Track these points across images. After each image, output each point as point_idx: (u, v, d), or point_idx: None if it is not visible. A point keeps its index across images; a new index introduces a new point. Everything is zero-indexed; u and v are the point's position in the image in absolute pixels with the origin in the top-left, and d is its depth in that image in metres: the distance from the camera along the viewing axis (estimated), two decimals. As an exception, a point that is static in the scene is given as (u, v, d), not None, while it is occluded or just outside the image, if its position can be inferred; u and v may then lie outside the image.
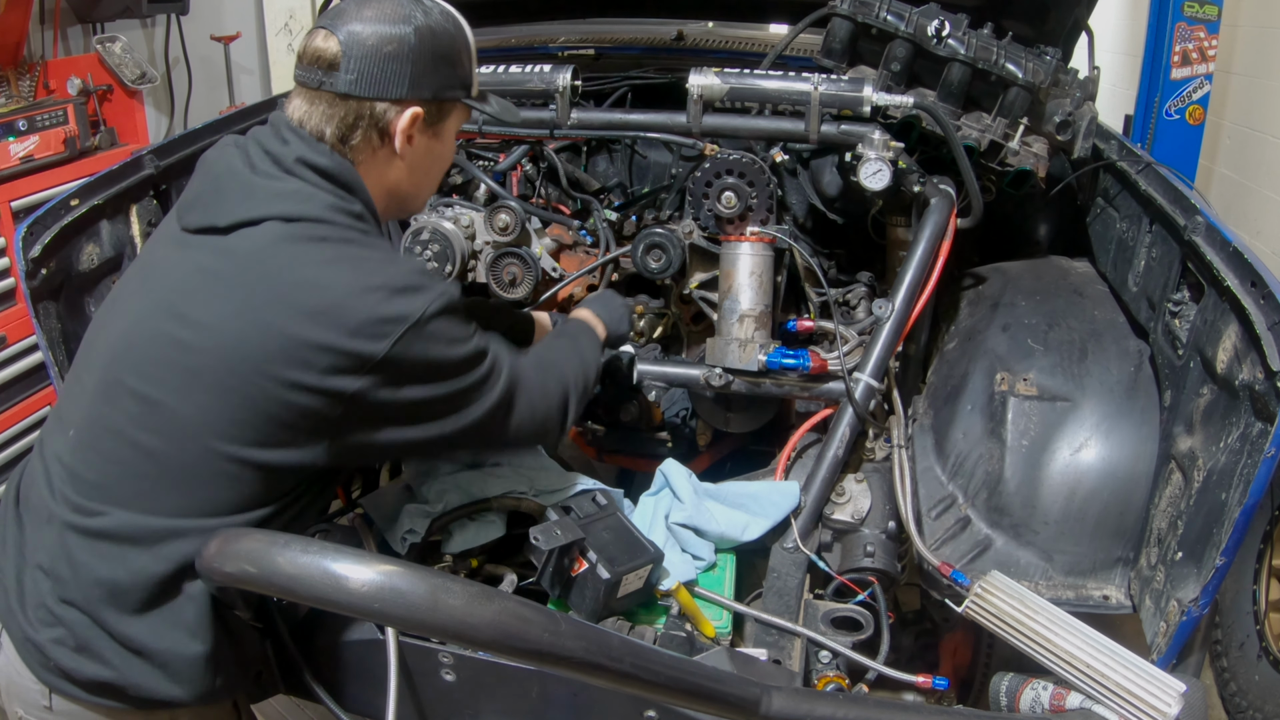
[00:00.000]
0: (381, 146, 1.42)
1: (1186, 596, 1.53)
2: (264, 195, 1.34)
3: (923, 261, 1.99)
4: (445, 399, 1.38)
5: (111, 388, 1.35)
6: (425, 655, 1.54)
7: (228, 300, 1.30)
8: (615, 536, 1.66)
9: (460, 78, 1.46)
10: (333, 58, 1.36)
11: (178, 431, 1.31)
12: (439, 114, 1.46)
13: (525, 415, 1.52)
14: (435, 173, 1.55)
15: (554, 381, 1.61)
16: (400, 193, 1.50)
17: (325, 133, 1.38)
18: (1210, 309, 1.66)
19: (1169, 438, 1.73)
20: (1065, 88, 2.20)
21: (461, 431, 1.42)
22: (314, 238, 1.32)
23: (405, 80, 1.38)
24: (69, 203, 1.98)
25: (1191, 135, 4.32)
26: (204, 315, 1.30)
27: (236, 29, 5.77)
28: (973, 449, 1.87)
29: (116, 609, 1.34)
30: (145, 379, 1.32)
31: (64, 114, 3.75)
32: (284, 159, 1.36)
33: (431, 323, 1.32)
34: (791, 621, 1.74)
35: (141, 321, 1.35)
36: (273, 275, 1.30)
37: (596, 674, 1.26)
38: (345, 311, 1.28)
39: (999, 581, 1.63)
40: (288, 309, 1.28)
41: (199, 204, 1.38)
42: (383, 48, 1.36)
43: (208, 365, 1.29)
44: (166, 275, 1.37)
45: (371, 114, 1.39)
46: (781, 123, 2.13)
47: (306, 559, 1.19)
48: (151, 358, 1.33)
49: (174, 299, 1.33)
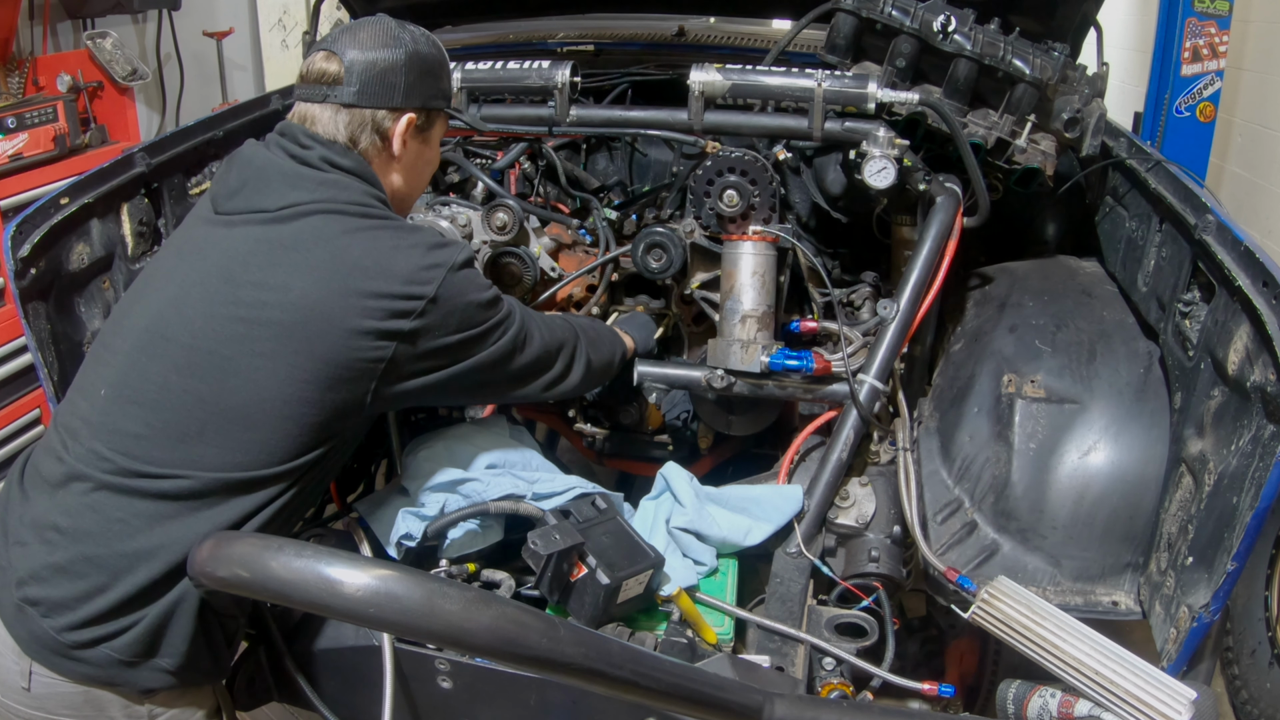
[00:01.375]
0: (383, 150, 1.64)
1: (1197, 602, 1.53)
2: (310, 184, 1.54)
3: (928, 261, 1.99)
4: (480, 335, 1.62)
5: (154, 344, 1.48)
6: (421, 662, 1.54)
7: (294, 265, 1.47)
8: (615, 541, 1.66)
9: (443, 90, 1.71)
10: (336, 75, 1.59)
11: (231, 378, 1.45)
12: (427, 121, 1.69)
13: (540, 348, 1.75)
14: (425, 175, 1.78)
15: (561, 324, 1.85)
16: (398, 194, 1.71)
17: (338, 136, 1.59)
18: (1221, 309, 1.66)
19: (1179, 441, 1.73)
20: (1073, 84, 2.20)
21: (487, 363, 1.65)
22: (358, 214, 1.54)
23: (400, 91, 1.61)
24: (59, 201, 1.98)
25: (1202, 133, 4.32)
26: (269, 277, 1.47)
27: (229, 25, 5.78)
28: (979, 452, 1.87)
29: (136, 570, 1.41)
30: (197, 334, 1.46)
31: (54, 111, 3.75)
32: (311, 160, 1.56)
33: (463, 269, 1.57)
34: (795, 628, 1.74)
35: (191, 288, 1.50)
36: (326, 240, 1.49)
37: (596, 681, 1.27)
38: (395, 265, 1.50)
39: (1006, 587, 1.64)
40: (349, 268, 1.48)
41: (242, 192, 1.55)
42: (379, 64, 1.59)
43: (275, 318, 1.45)
44: (215, 249, 1.52)
45: (373, 120, 1.61)
46: (784, 120, 2.13)
47: (300, 563, 1.20)
48: (206, 315, 1.47)
49: (230, 265, 1.49)
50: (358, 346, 1.48)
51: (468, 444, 1.88)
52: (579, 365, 1.86)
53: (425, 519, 1.72)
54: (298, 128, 1.60)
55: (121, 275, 2.14)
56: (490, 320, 1.63)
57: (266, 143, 1.61)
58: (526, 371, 1.75)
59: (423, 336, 1.53)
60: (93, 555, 1.40)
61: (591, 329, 1.97)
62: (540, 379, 1.79)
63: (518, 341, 1.70)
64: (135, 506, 1.41)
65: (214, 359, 1.45)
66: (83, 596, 1.40)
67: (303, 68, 1.64)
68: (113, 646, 1.41)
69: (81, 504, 1.42)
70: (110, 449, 1.43)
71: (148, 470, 1.42)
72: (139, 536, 1.41)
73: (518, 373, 1.73)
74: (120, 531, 1.41)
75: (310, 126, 1.59)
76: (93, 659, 1.41)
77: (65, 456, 1.46)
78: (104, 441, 1.44)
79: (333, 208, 1.52)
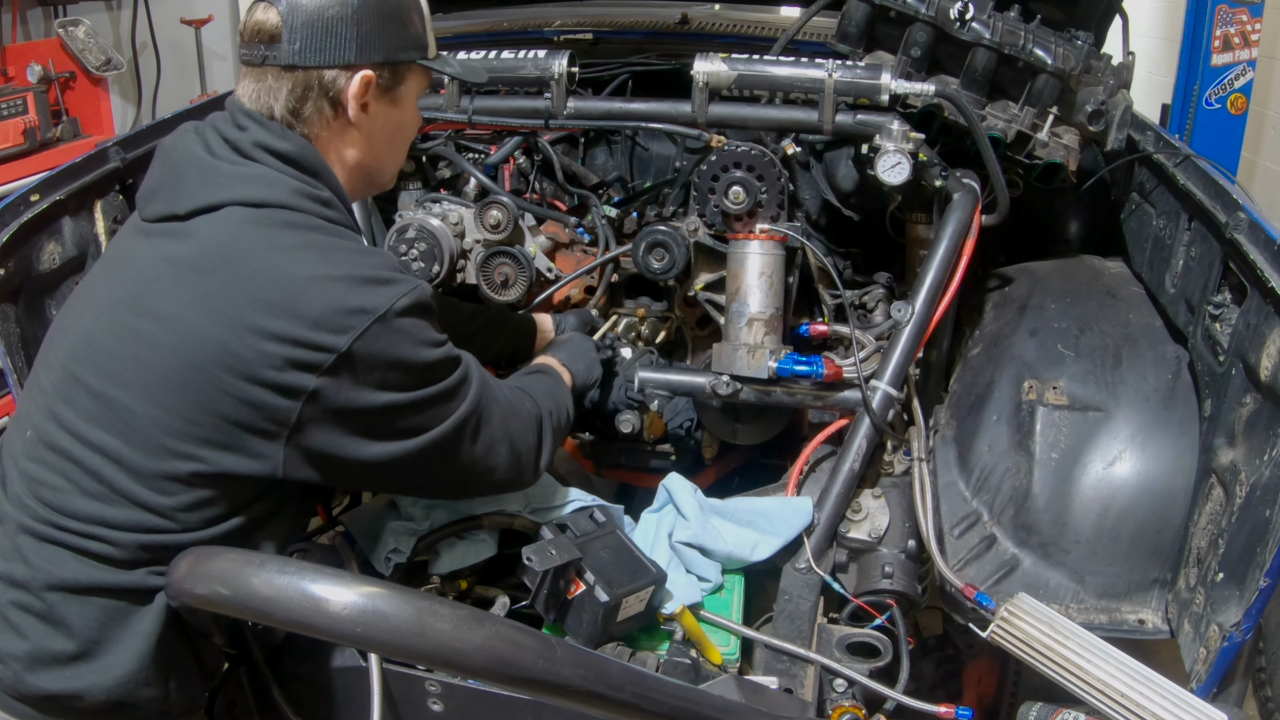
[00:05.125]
0: (336, 118, 1.44)
1: (1228, 620, 1.53)
2: (225, 180, 1.36)
3: (945, 261, 1.99)
4: (410, 405, 1.37)
5: (70, 386, 1.37)
6: (411, 684, 1.54)
7: (185, 289, 1.31)
8: (615, 556, 1.66)
9: (413, 38, 1.48)
10: (274, 29, 1.38)
11: (134, 432, 1.32)
12: (394, 78, 1.48)
13: (498, 437, 1.51)
14: (399, 143, 1.58)
15: (529, 405, 1.61)
16: (364, 167, 1.52)
17: (274, 109, 1.41)
18: (1253, 312, 1.67)
19: (1209, 450, 1.73)
20: (1098, 75, 2.21)
21: (427, 450, 1.41)
22: (278, 223, 1.34)
23: (352, 44, 1.40)
24: (29, 198, 1.99)
25: (1233, 125, 4.32)
26: (164, 306, 1.32)
27: (208, 12, 5.79)
28: (999, 462, 1.87)
29: (75, 615, 1.35)
30: (104, 376, 1.34)
31: (23, 103, 3.77)
32: (242, 145, 1.39)
33: (400, 319, 1.33)
34: (804, 647, 1.74)
35: (102, 316, 1.37)
36: (233, 262, 1.30)
37: (595, 704, 1.27)
38: (307, 301, 1.28)
39: (1027, 604, 1.64)
40: (247, 297, 1.29)
41: (159, 193, 1.41)
42: (325, 11, 1.38)
43: (164, 359, 1.30)
44: (128, 268, 1.39)
45: (320, 83, 1.41)
46: (793, 112, 2.14)
47: (284, 580, 1.20)
48: (111, 353, 1.34)
49: (137, 291, 1.35)
50: (255, 400, 1.29)
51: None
52: (546, 448, 1.62)
53: (415, 533, 1.72)
54: (237, 104, 1.42)
55: (95, 276, 2.14)
56: (429, 388, 1.38)
57: (202, 125, 1.44)
58: (483, 462, 1.50)
59: (331, 397, 1.31)
60: (28, 605, 1.34)
61: (549, 395, 1.70)
62: (500, 470, 1.54)
63: (469, 422, 1.44)
64: (56, 555, 1.34)
65: (116, 409, 1.32)
66: (27, 642, 1.35)
67: (241, 22, 1.44)
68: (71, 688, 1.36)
69: (10, 547, 1.36)
70: (31, 497, 1.36)
71: (68, 525, 1.34)
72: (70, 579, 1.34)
73: (471, 464, 1.48)
74: (43, 580, 1.34)
75: (248, 98, 1.41)
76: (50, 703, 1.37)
77: (1, 497, 1.41)
78: (27, 488, 1.37)
79: (244, 216, 1.33)
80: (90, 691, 1.36)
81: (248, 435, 1.32)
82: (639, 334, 2.40)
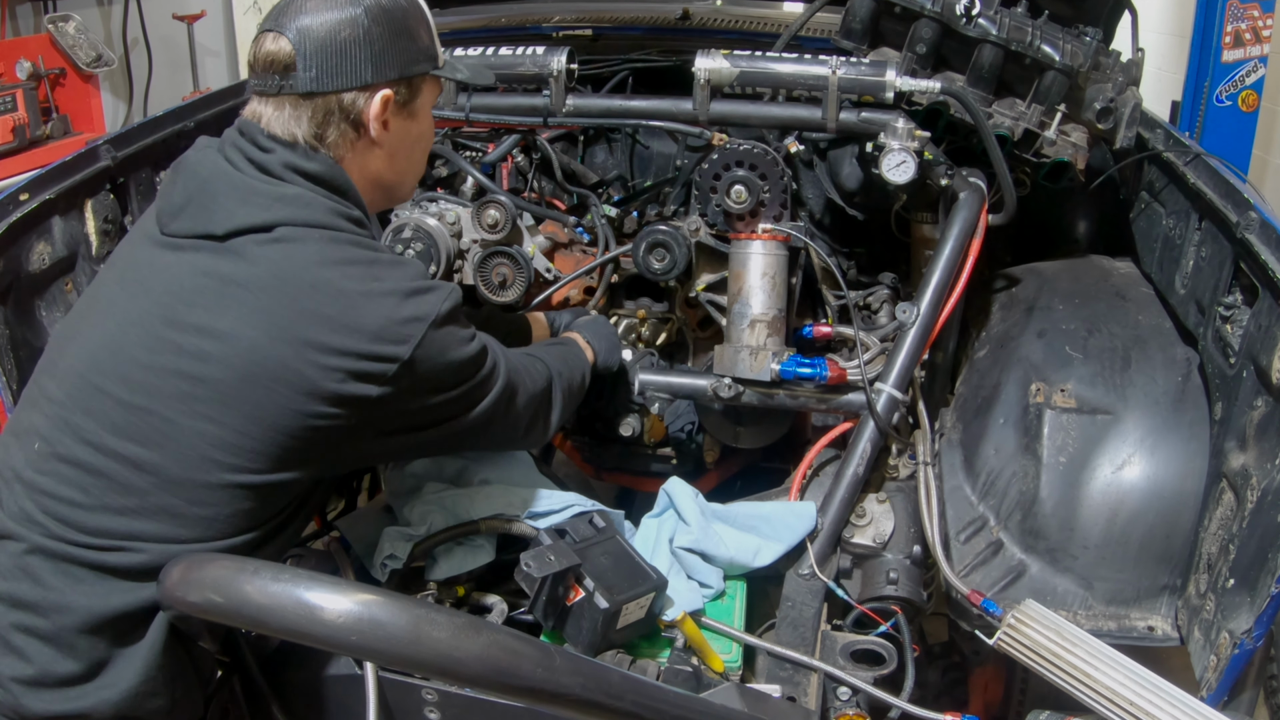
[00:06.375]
0: (359, 139, 1.49)
1: (1239, 628, 1.53)
2: (265, 199, 1.39)
3: (951, 261, 1.99)
4: (460, 398, 1.50)
5: (89, 396, 1.38)
6: (407, 692, 1.54)
7: (236, 305, 1.35)
8: (614, 562, 1.66)
9: (424, 50, 1.52)
10: (287, 58, 1.41)
11: (172, 444, 1.35)
12: (410, 92, 1.52)
13: (523, 404, 1.64)
14: (418, 155, 1.63)
15: (540, 369, 1.73)
16: (385, 182, 1.58)
17: (298, 135, 1.44)
18: (1265, 313, 1.67)
19: (1220, 454, 1.73)
20: (1106, 71, 2.21)
21: (469, 428, 1.55)
22: (325, 241, 1.39)
23: (368, 64, 1.44)
24: (18, 197, 1.99)
25: (1244, 123, 4.32)
26: (215, 322, 1.35)
27: (201, 7, 5.80)
28: (1005, 466, 1.87)
29: (86, 639, 1.35)
30: (135, 389, 1.36)
31: (12, 100, 3.77)
32: (270, 166, 1.42)
33: (446, 324, 1.43)
34: (807, 655, 1.74)
35: (130, 328, 1.39)
36: (288, 280, 1.35)
37: (594, 712, 1.27)
38: (365, 316, 1.36)
39: (1034, 611, 1.64)
40: (305, 314, 1.35)
41: (187, 209, 1.42)
42: (337, 35, 1.42)
43: (213, 373, 1.34)
44: (155, 281, 1.41)
45: (340, 106, 1.45)
46: (796, 110, 2.14)
47: (278, 587, 1.20)
48: (144, 365, 1.36)
49: (172, 304, 1.38)
50: (313, 412, 1.36)
51: (457, 458, 1.88)
52: (556, 407, 1.76)
53: (411, 538, 1.72)
54: (255, 127, 1.45)
55: (85, 276, 2.14)
56: (474, 379, 1.51)
57: (220, 143, 1.47)
58: (511, 427, 1.65)
59: (392, 403, 1.41)
60: (34, 627, 1.34)
61: (560, 359, 1.83)
62: (521, 431, 1.69)
63: (503, 399, 1.58)
64: (73, 573, 1.35)
65: (152, 420, 1.35)
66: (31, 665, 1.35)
67: (250, 53, 1.48)
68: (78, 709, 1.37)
69: (14, 566, 1.36)
70: (43, 512, 1.36)
71: (87, 541, 1.35)
72: (84, 605, 1.34)
73: (501, 430, 1.64)
74: (56, 601, 1.34)
75: (267, 124, 1.44)
76: None
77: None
78: (35, 503, 1.37)
79: (292, 234, 1.38)
80: (97, 709, 1.37)
81: (303, 446, 1.38)
82: (639, 335, 2.40)
